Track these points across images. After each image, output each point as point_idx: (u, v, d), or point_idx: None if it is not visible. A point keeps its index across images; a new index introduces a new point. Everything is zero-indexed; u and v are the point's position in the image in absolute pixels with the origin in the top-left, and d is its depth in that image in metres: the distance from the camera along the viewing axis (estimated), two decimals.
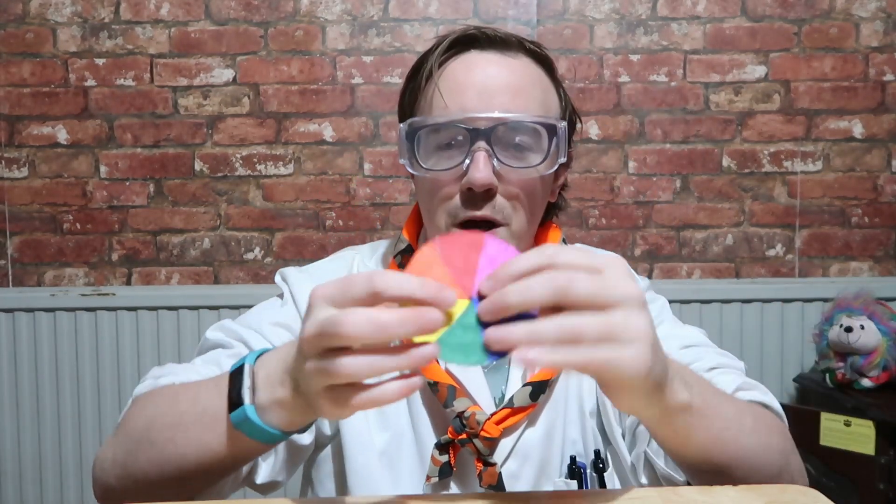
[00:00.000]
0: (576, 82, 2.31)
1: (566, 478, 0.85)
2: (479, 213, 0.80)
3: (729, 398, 0.70)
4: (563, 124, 0.83)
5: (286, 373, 0.57)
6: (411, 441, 0.85)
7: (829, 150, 2.34)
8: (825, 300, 2.23)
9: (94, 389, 2.28)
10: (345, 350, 0.51)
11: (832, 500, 0.62)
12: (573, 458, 0.85)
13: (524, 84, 0.82)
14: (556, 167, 0.83)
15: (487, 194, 0.80)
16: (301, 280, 0.90)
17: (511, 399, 0.82)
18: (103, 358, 2.28)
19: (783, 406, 2.25)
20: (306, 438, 0.82)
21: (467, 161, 0.79)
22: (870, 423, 1.84)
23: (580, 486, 0.84)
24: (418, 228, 0.93)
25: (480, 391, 0.84)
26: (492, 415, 0.81)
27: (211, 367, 0.79)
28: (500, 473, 0.82)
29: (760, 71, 2.32)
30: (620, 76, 2.32)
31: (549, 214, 0.93)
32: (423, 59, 0.86)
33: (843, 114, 2.33)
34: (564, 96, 0.89)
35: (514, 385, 0.84)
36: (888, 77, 2.32)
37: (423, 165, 0.82)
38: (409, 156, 0.83)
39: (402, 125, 0.84)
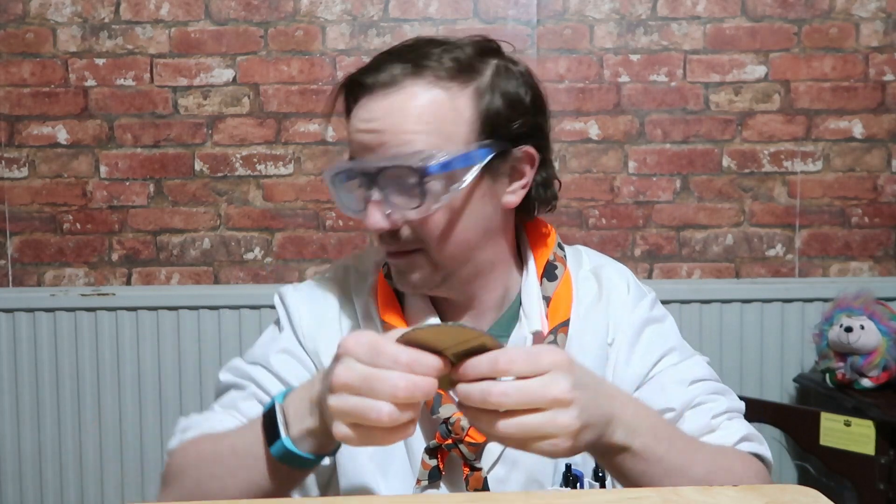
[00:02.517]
0: (576, 82, 2.31)
1: (561, 485, 0.86)
2: (390, 249, 0.85)
3: (692, 446, 0.76)
4: (436, 164, 0.79)
5: (313, 404, 0.67)
6: (401, 446, 0.87)
7: (829, 150, 2.34)
8: (825, 300, 2.23)
9: (94, 389, 2.28)
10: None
11: (832, 500, 0.62)
12: (568, 466, 0.85)
13: (398, 123, 0.80)
14: (437, 206, 0.80)
15: (394, 233, 0.83)
16: (299, 301, 0.93)
17: None
18: (103, 358, 2.28)
19: (783, 407, 2.26)
20: (328, 460, 0.86)
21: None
22: (870, 423, 1.84)
23: None
24: None
25: None
26: None
27: (230, 412, 0.85)
28: (485, 478, 0.83)
29: (760, 71, 2.32)
30: (620, 76, 2.32)
31: (528, 214, 0.91)
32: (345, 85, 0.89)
33: (843, 114, 2.33)
34: (491, 100, 0.82)
35: None
36: (888, 77, 2.32)
37: (345, 207, 0.88)
38: (337, 200, 0.89)
39: (325, 174, 0.90)
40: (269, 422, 0.69)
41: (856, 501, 1.90)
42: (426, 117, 0.80)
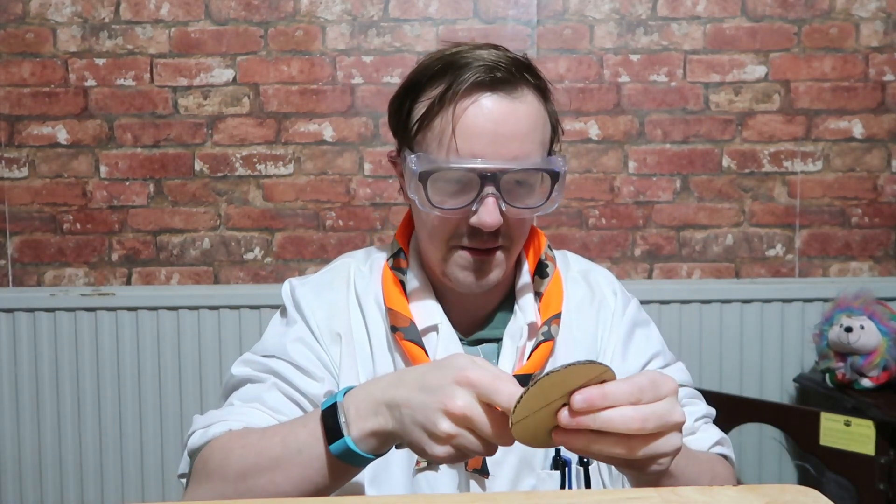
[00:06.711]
0: (576, 82, 2.31)
1: (550, 469, 0.91)
2: (485, 245, 0.87)
3: (696, 458, 0.82)
4: (565, 169, 0.88)
5: (379, 404, 0.68)
6: None
7: (829, 151, 2.34)
8: (825, 300, 2.23)
9: (94, 389, 2.28)
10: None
11: (832, 500, 0.62)
12: (558, 451, 0.90)
13: (529, 130, 0.86)
14: (555, 206, 0.89)
15: (493, 231, 0.86)
16: (307, 295, 0.96)
17: None
18: (103, 358, 2.28)
19: (783, 406, 2.26)
20: None
21: (476, 204, 0.85)
22: (870, 423, 1.84)
23: (563, 478, 0.90)
24: (410, 233, 1.00)
25: None
26: None
27: (253, 406, 0.86)
28: (484, 459, 0.87)
29: (760, 71, 2.32)
30: (620, 76, 2.32)
31: None
32: (425, 81, 0.88)
33: (843, 114, 2.33)
34: (553, 114, 0.93)
35: None
36: (888, 77, 2.32)
37: (433, 202, 0.86)
38: (421, 193, 0.86)
39: (412, 158, 0.87)
40: (330, 420, 0.70)
41: (856, 501, 1.90)
42: (541, 126, 0.88)
